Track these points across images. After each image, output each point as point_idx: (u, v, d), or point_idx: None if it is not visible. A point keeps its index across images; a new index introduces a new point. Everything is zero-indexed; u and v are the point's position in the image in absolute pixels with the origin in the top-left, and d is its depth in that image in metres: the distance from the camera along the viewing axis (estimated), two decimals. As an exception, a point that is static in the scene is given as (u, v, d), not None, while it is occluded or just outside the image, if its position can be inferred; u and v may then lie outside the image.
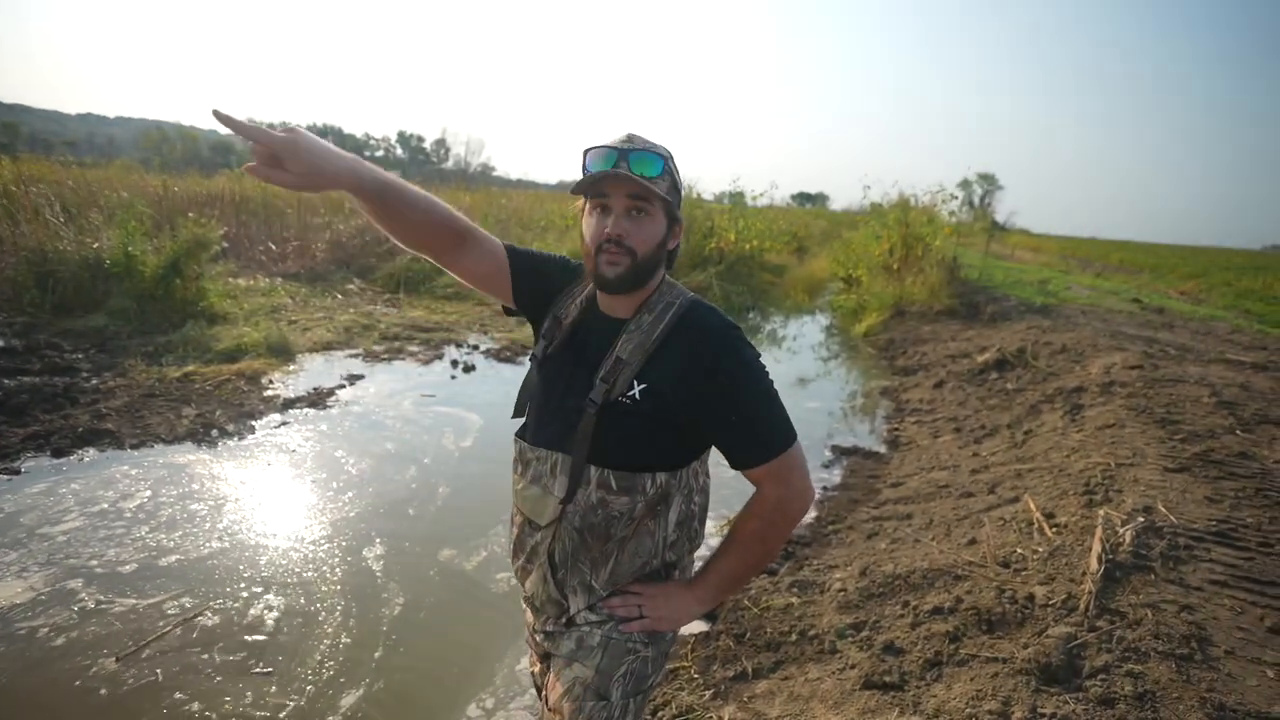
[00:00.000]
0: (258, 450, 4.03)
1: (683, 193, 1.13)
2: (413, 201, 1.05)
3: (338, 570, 2.88)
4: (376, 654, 2.39)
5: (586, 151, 1.04)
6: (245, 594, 2.67)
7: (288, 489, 3.60)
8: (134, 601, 2.58)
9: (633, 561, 1.10)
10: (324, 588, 2.75)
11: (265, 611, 2.57)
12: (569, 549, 1.09)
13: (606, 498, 1.05)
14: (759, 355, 1.08)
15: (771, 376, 1.08)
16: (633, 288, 1.07)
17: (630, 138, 1.05)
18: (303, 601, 2.65)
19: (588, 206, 1.08)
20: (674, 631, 1.17)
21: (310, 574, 2.84)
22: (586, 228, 1.07)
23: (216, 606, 2.58)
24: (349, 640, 2.44)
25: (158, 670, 2.24)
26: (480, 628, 2.61)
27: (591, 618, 1.12)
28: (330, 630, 2.49)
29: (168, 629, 2.43)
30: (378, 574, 2.88)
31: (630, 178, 1.00)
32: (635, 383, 1.04)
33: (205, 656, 2.32)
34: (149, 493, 3.39)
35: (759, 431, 1.05)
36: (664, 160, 1.04)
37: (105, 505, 3.23)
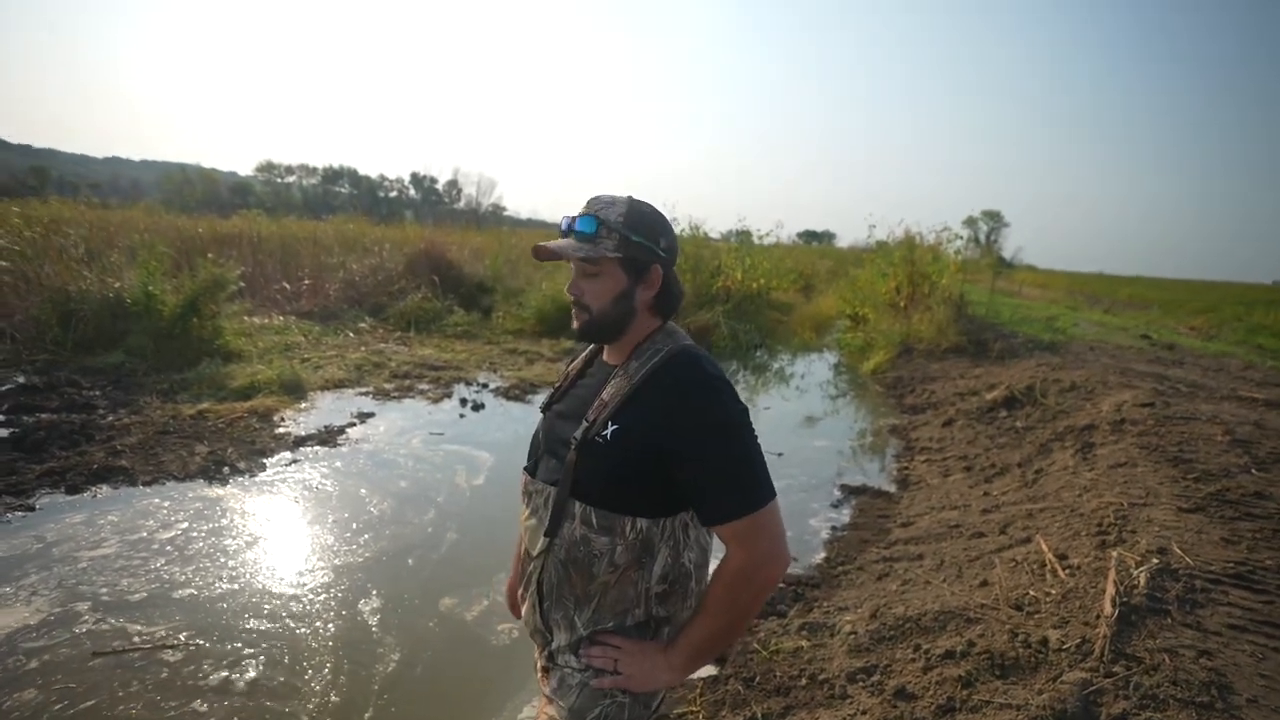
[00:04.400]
0: (268, 488, 4.06)
1: (653, 234, 1.09)
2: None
3: (333, 623, 2.79)
4: (367, 714, 2.31)
5: None
6: (236, 638, 2.62)
7: (294, 528, 3.61)
8: (139, 627, 2.60)
9: (615, 607, 1.10)
10: (315, 642, 2.65)
11: (251, 661, 2.51)
12: (554, 581, 1.11)
13: (589, 535, 1.07)
14: (743, 411, 1.05)
15: (756, 433, 1.06)
16: (601, 338, 1.15)
17: (587, 203, 1.11)
18: (294, 652, 2.58)
19: None
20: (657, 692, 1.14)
21: (304, 622, 2.77)
22: None
23: (207, 648, 2.56)
24: (338, 699, 2.36)
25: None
26: (478, 681, 2.54)
27: (573, 663, 1.12)
28: (319, 688, 2.39)
29: (137, 653, 2.43)
30: (374, 628, 2.78)
31: (545, 249, 1.09)
32: (609, 423, 1.06)
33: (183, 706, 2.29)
34: (157, 530, 3.41)
35: (723, 487, 1.02)
36: (596, 220, 1.07)
37: (113, 541, 3.25)
